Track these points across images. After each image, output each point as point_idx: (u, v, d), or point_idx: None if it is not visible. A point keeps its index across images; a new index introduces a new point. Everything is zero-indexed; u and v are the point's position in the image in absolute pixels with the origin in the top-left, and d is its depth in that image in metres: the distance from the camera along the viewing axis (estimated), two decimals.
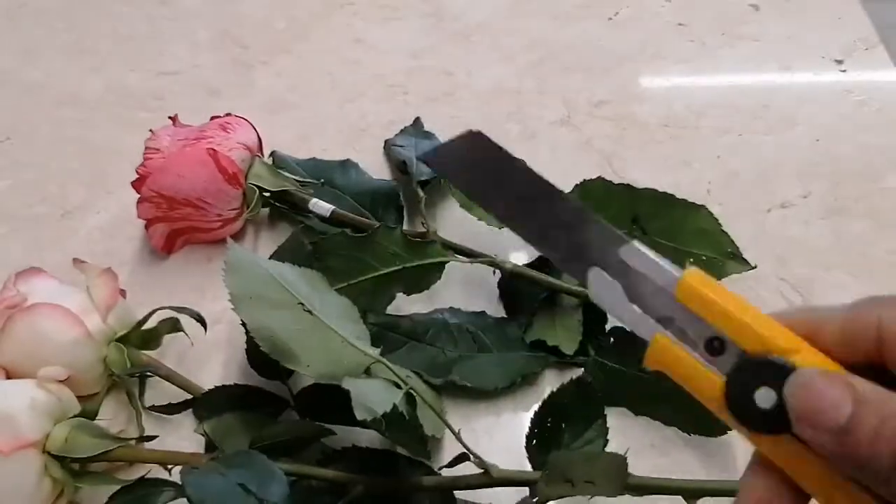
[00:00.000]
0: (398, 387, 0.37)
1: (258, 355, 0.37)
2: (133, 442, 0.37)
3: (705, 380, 0.22)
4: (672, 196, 0.44)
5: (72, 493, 0.37)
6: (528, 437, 0.38)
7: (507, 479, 0.36)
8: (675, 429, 0.41)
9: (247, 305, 0.36)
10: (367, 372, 0.37)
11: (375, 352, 0.38)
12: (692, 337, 0.23)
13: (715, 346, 0.23)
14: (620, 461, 0.33)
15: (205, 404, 0.40)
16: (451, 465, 0.36)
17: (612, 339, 0.42)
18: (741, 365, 0.22)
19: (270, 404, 0.40)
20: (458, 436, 0.36)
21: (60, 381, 0.37)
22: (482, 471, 0.36)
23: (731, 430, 0.38)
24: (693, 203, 0.44)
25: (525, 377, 0.42)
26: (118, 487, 0.35)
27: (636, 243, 0.24)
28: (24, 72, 0.62)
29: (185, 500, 0.33)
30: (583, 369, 0.43)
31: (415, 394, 0.37)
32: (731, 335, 0.22)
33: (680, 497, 0.36)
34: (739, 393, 0.22)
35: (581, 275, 0.24)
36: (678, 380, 0.23)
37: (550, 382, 0.43)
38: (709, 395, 0.22)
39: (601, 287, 0.24)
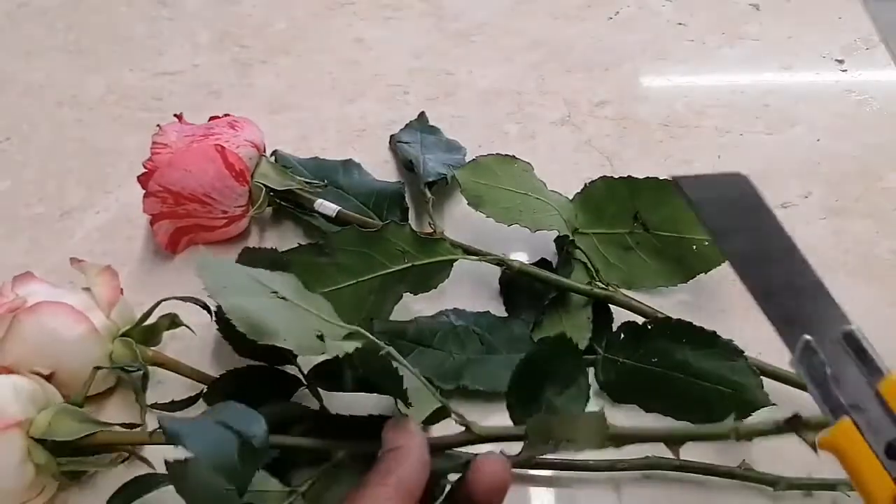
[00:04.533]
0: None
1: (254, 344, 0.37)
2: (117, 427, 0.37)
3: (879, 476, 0.22)
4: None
5: (53, 490, 0.37)
6: (508, 394, 0.37)
7: (490, 435, 0.35)
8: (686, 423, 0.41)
9: (223, 293, 0.36)
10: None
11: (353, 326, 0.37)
12: (875, 433, 0.23)
13: (894, 449, 0.23)
14: (599, 419, 0.33)
15: (218, 390, 0.40)
16: (429, 421, 0.36)
17: (621, 335, 0.42)
18: None
19: (283, 384, 0.40)
20: (437, 396, 0.35)
21: (60, 381, 0.37)
22: (464, 428, 0.35)
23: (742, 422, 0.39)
24: None
25: None
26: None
27: (857, 328, 0.24)
28: (24, 72, 0.62)
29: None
30: (593, 367, 0.43)
31: (395, 355, 0.37)
32: None
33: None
34: None
35: (793, 339, 0.24)
36: (848, 467, 0.23)
37: None
38: (878, 491, 0.22)
39: (807, 356, 0.24)
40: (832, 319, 0.24)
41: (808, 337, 0.24)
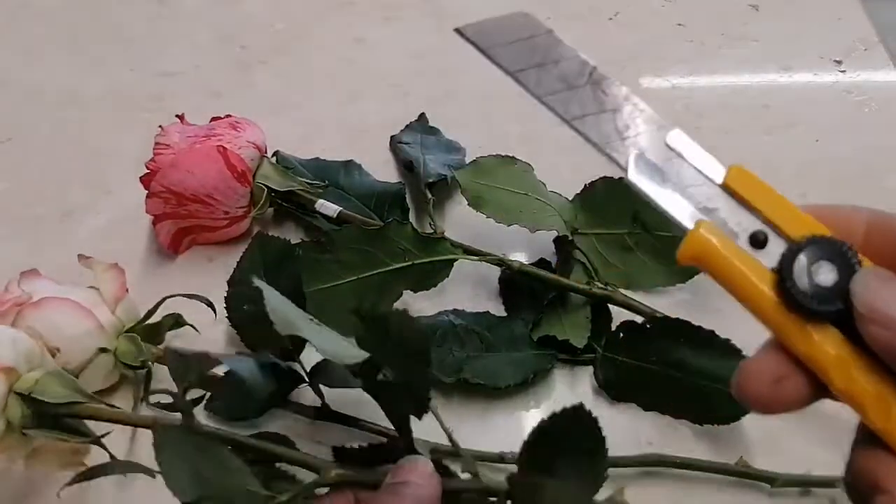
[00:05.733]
0: None
1: (261, 341, 0.37)
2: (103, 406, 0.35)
3: (751, 268, 0.21)
4: None
5: (18, 456, 0.35)
6: (519, 462, 0.35)
7: (500, 490, 0.34)
8: (686, 423, 0.41)
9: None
10: None
11: None
12: (734, 229, 0.22)
13: (759, 239, 0.21)
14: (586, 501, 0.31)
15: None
16: (434, 452, 0.35)
17: (620, 335, 0.42)
18: (798, 246, 0.21)
19: (284, 379, 0.39)
20: (450, 435, 0.35)
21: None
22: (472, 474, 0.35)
23: (740, 418, 0.39)
24: None
25: (537, 374, 0.42)
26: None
27: (681, 132, 0.23)
28: (24, 72, 0.62)
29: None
30: (592, 367, 0.43)
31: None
32: (782, 225, 0.21)
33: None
34: (795, 273, 0.20)
35: (623, 157, 0.23)
36: (717, 271, 0.21)
37: (562, 380, 0.43)
38: (753, 285, 0.21)
39: (642, 169, 0.23)
40: (656, 127, 0.23)
41: (638, 151, 0.23)
